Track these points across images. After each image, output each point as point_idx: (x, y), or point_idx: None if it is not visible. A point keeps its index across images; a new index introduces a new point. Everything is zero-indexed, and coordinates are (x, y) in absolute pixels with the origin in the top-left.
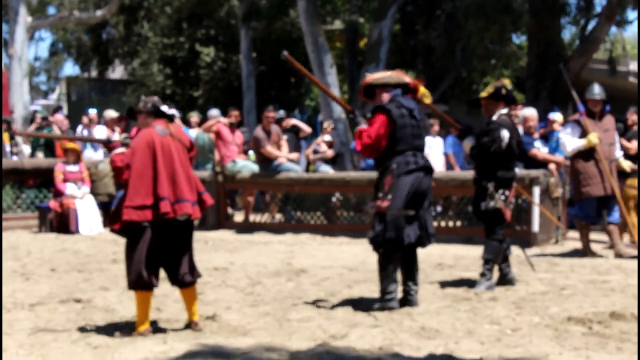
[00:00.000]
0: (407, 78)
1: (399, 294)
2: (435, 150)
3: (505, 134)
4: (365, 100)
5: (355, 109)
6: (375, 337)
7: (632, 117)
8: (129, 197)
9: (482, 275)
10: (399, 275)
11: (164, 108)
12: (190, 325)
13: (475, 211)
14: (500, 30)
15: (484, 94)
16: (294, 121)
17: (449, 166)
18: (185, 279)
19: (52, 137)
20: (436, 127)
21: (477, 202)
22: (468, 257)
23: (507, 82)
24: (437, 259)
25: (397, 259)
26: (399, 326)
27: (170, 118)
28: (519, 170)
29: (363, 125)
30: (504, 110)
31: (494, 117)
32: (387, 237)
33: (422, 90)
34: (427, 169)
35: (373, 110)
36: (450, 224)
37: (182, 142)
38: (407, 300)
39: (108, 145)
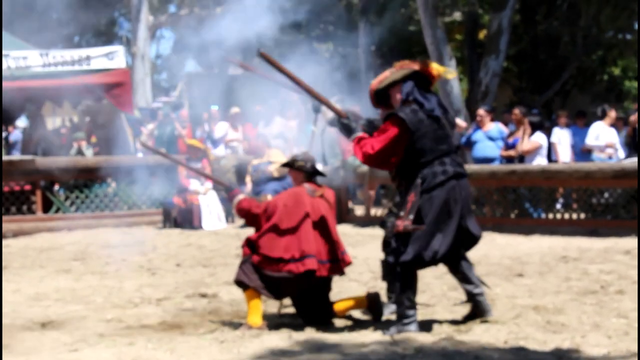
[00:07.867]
0: (415, 65)
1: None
2: (564, 142)
3: None
4: (383, 108)
5: (349, 115)
6: (500, 331)
7: None
8: (268, 247)
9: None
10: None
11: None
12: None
13: None
14: (628, 16)
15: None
16: None
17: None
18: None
19: (175, 162)
20: (563, 119)
21: None
22: (593, 250)
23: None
24: (561, 251)
25: (415, 283)
26: (524, 320)
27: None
28: None
29: (360, 133)
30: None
31: None
32: (402, 259)
33: (439, 68)
34: (460, 175)
35: (385, 117)
36: (574, 216)
37: (329, 202)
38: (477, 307)
39: (229, 192)
